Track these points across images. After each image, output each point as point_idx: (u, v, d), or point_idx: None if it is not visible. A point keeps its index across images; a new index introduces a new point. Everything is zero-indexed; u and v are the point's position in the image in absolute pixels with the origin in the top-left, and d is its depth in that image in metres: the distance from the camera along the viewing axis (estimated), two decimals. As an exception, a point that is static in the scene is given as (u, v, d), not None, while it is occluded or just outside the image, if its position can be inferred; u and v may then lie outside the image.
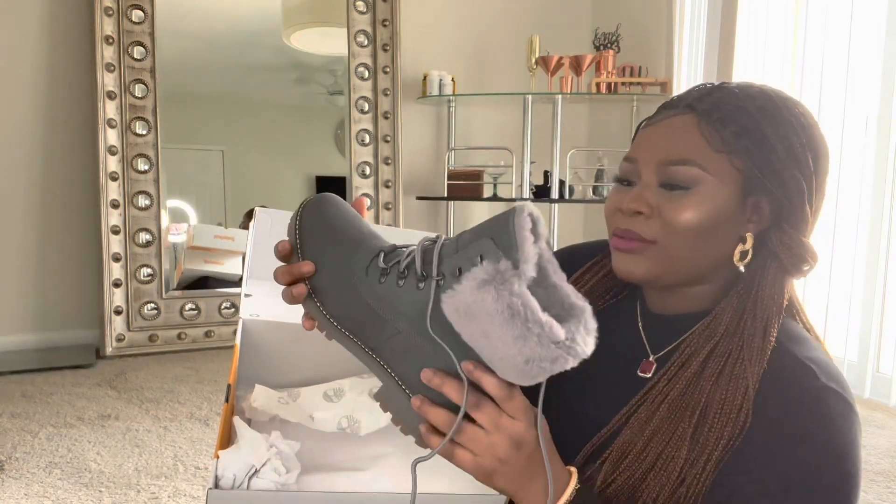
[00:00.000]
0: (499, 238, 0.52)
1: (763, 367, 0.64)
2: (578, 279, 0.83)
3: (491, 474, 0.60)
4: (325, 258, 0.61)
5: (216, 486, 0.65)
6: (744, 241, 0.69)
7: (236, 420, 0.74)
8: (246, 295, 0.88)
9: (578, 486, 0.62)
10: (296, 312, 0.69)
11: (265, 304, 0.89)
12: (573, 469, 0.63)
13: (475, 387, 0.57)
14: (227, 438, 0.74)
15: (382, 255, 0.59)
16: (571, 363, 0.52)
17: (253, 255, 0.93)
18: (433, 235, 0.60)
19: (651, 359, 0.73)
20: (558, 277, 0.57)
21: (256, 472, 0.67)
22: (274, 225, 0.94)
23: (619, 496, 0.66)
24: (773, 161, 0.67)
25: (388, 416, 0.63)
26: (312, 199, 0.64)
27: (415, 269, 0.56)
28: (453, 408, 0.57)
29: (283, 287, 0.63)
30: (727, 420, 0.63)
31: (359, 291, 0.59)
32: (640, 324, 0.76)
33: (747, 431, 0.63)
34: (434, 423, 0.58)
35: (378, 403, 0.62)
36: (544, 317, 0.50)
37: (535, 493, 0.61)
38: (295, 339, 0.86)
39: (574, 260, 0.86)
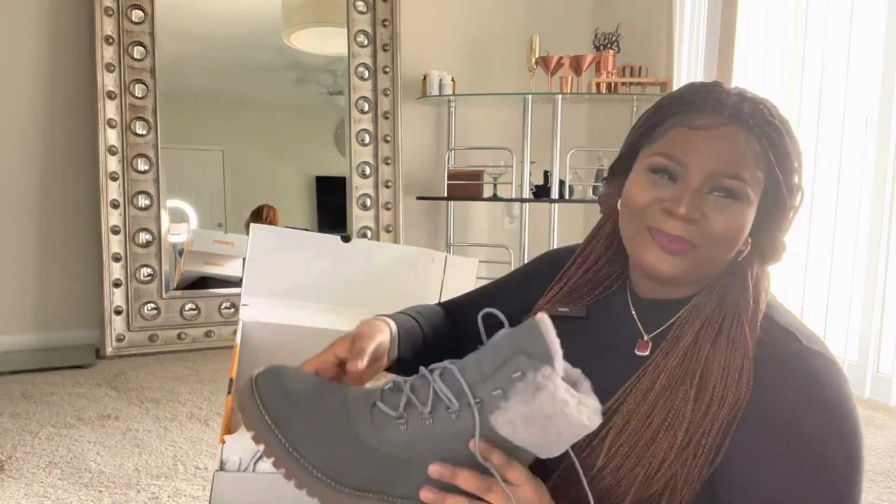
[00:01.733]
0: (531, 350, 0.58)
1: (757, 331, 0.68)
2: (563, 276, 0.86)
3: None
4: (313, 432, 0.59)
5: (222, 469, 0.66)
6: (746, 241, 0.73)
7: None
8: (244, 304, 0.90)
9: None
10: (294, 316, 0.69)
11: (262, 313, 0.90)
12: None
13: (480, 471, 0.60)
14: (231, 427, 0.75)
15: (380, 402, 0.60)
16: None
17: (249, 272, 0.95)
18: (426, 254, 0.62)
19: (646, 338, 0.76)
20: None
21: (262, 457, 0.67)
22: (269, 241, 0.97)
23: (620, 469, 0.67)
24: (792, 174, 0.71)
25: None
26: (259, 377, 0.61)
27: (444, 403, 0.59)
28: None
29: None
30: (730, 381, 0.66)
31: (373, 448, 0.58)
32: (632, 310, 0.79)
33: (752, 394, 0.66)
34: None
35: None
36: (577, 409, 0.58)
37: None
38: (293, 341, 0.86)
39: (556, 263, 0.89)
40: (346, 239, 1.04)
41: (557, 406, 0.56)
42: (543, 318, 0.59)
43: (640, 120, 0.77)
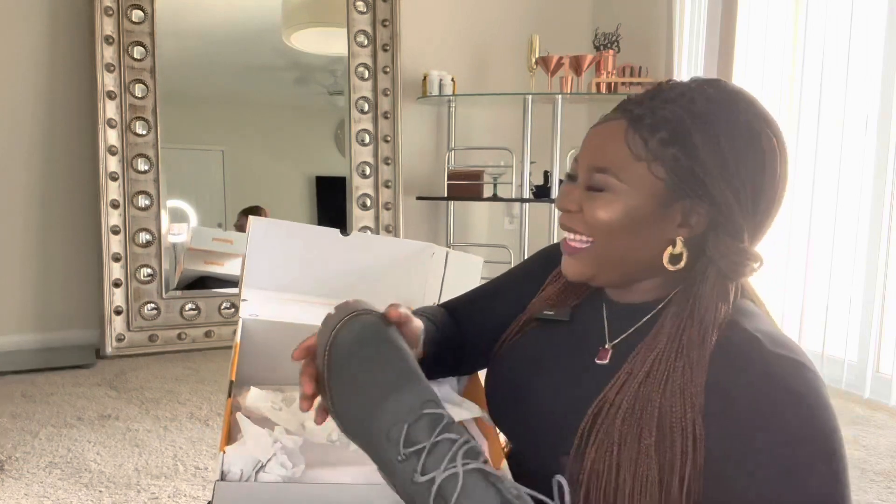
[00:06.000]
0: None
1: (704, 375, 0.63)
2: (555, 277, 0.87)
3: None
4: (352, 411, 0.61)
5: (223, 479, 0.65)
6: (673, 244, 0.70)
7: (240, 417, 0.74)
8: (243, 300, 0.89)
9: None
10: (293, 313, 0.69)
11: (262, 308, 0.90)
12: None
13: None
14: (230, 433, 0.74)
15: (408, 426, 0.58)
16: None
17: (249, 264, 0.94)
18: (427, 248, 0.61)
19: (607, 346, 0.75)
20: None
21: (262, 466, 0.67)
22: (268, 233, 0.96)
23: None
24: (697, 171, 0.67)
25: None
26: (351, 327, 0.64)
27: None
28: None
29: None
30: (686, 435, 0.62)
31: (394, 475, 0.59)
32: (604, 314, 0.78)
33: (715, 417, 0.61)
34: None
35: None
36: None
37: None
38: (293, 338, 0.86)
39: (553, 259, 0.90)
40: (345, 233, 1.04)
41: None
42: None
43: None
